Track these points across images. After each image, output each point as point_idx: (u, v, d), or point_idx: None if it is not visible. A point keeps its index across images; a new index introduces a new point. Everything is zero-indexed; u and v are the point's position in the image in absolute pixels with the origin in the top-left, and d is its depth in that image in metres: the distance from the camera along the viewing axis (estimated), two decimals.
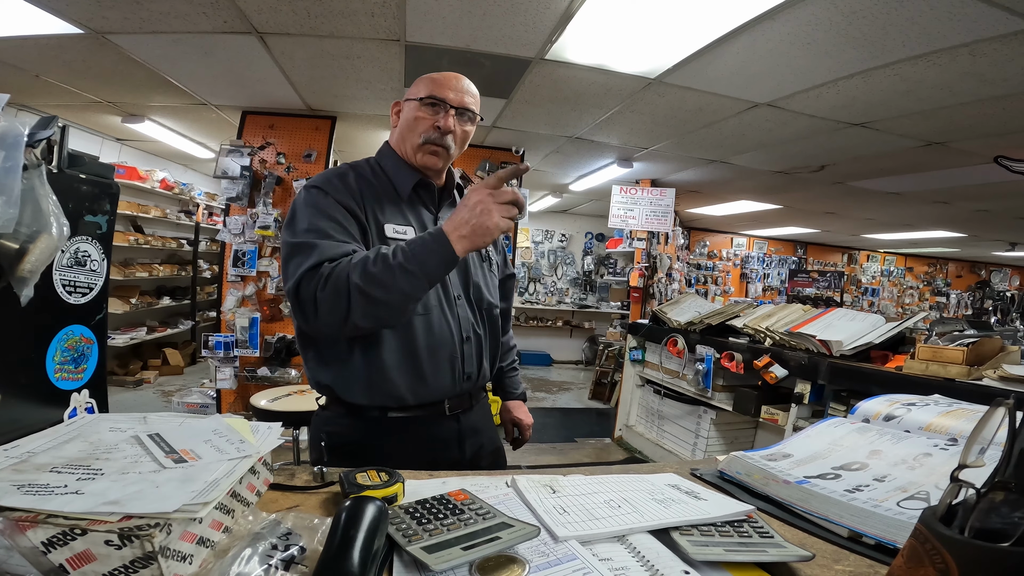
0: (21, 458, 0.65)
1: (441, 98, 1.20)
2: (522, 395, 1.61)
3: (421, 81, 1.24)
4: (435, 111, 1.20)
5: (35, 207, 0.78)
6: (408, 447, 1.14)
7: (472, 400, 1.30)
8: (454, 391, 1.23)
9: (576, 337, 9.11)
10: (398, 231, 1.18)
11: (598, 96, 3.40)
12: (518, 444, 1.59)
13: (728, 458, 0.97)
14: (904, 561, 0.49)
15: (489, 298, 1.34)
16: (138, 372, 5.77)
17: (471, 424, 1.29)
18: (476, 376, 1.28)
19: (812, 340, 2.61)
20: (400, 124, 1.26)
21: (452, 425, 1.25)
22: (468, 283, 1.29)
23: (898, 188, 5.05)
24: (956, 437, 0.84)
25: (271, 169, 4.23)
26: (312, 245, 1.05)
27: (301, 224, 1.10)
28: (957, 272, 11.04)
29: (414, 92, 1.23)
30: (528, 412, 1.60)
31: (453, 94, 1.21)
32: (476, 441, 1.30)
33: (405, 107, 1.26)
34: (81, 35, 2.85)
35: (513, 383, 1.60)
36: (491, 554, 0.60)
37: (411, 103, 1.23)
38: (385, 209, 1.20)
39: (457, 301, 1.24)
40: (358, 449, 1.13)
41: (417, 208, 1.26)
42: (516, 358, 1.65)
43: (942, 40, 2.26)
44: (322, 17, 2.58)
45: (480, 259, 1.35)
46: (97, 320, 0.99)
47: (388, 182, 1.25)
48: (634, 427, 4.27)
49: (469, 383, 1.26)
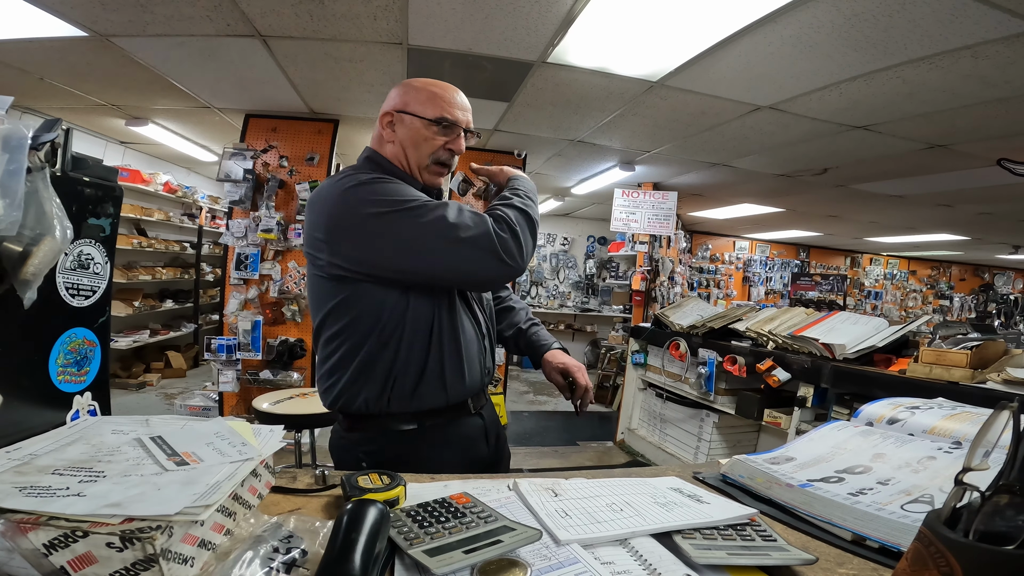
0: (23, 460, 0.65)
1: (454, 121, 1.18)
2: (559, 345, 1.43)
3: (420, 93, 1.19)
4: (447, 132, 1.18)
5: (39, 210, 0.78)
6: (444, 453, 1.14)
7: (485, 395, 1.31)
8: (478, 387, 1.24)
9: (578, 340, 9.10)
10: None
11: (600, 99, 3.40)
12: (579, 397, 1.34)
13: (731, 461, 0.96)
14: (908, 564, 0.48)
15: (487, 295, 1.36)
16: (141, 375, 5.78)
17: (491, 418, 1.30)
18: (493, 369, 1.30)
19: (815, 343, 2.60)
20: (401, 139, 1.20)
21: (478, 422, 1.25)
22: None
23: (901, 191, 5.04)
24: (960, 440, 0.84)
25: (274, 172, 4.24)
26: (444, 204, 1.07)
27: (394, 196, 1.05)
28: (960, 275, 11.01)
29: (417, 108, 1.18)
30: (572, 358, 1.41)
31: (462, 114, 1.20)
32: (495, 433, 1.31)
33: (406, 122, 1.19)
34: (85, 38, 2.86)
35: (541, 336, 1.45)
36: (493, 557, 0.60)
37: (415, 120, 1.17)
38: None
39: (473, 297, 1.26)
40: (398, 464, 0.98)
41: None
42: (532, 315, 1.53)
43: (944, 42, 2.26)
44: (325, 20, 2.59)
45: None
46: (100, 323, 0.99)
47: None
48: (636, 430, 4.26)
49: (488, 377, 1.28)
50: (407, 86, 1.22)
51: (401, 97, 1.21)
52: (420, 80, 1.23)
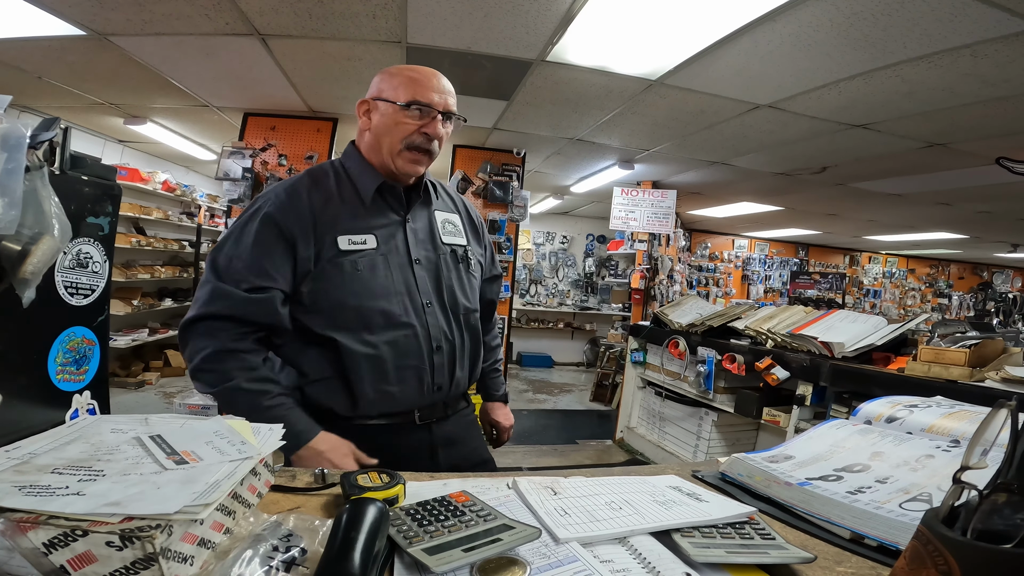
0: (23, 459, 0.65)
1: (427, 103, 1.14)
2: (503, 397, 1.58)
3: (394, 78, 1.17)
4: (420, 116, 1.15)
5: (37, 209, 0.78)
6: (374, 455, 1.11)
7: (447, 410, 1.26)
8: (423, 402, 1.20)
9: (577, 339, 9.11)
10: (354, 241, 1.15)
11: (599, 98, 3.40)
12: (497, 443, 1.57)
13: (729, 460, 0.96)
14: (906, 563, 0.48)
15: (465, 303, 1.28)
16: (140, 373, 5.77)
17: (445, 434, 1.25)
18: (448, 386, 1.23)
19: (814, 342, 2.60)
20: (375, 127, 1.19)
21: (423, 435, 1.21)
22: (440, 287, 1.24)
23: (900, 189, 5.05)
24: (958, 439, 0.84)
25: (273, 171, 4.24)
26: (227, 293, 1.09)
27: (238, 249, 1.12)
28: (959, 273, 11.02)
29: (390, 93, 1.15)
30: (509, 414, 1.57)
31: (438, 96, 1.16)
32: (453, 452, 1.25)
33: (380, 109, 1.17)
34: (83, 37, 2.85)
35: (494, 384, 1.56)
36: (492, 556, 0.60)
37: (388, 105, 1.16)
38: (342, 219, 1.16)
39: (426, 308, 1.20)
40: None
41: (383, 212, 1.22)
42: (499, 358, 1.60)
43: (943, 41, 2.26)
44: (323, 19, 2.59)
45: (455, 260, 1.29)
46: (99, 321, 0.99)
47: (352, 187, 1.21)
48: (635, 429, 4.26)
49: (440, 393, 1.22)
50: (384, 73, 1.20)
51: (378, 84, 1.19)
52: (398, 67, 1.20)
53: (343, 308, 1.14)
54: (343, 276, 1.14)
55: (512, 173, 4.84)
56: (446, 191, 1.41)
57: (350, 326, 1.14)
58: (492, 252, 1.49)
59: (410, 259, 1.21)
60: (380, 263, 1.17)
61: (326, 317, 1.14)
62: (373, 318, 1.15)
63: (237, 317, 1.09)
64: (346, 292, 1.14)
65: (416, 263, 1.22)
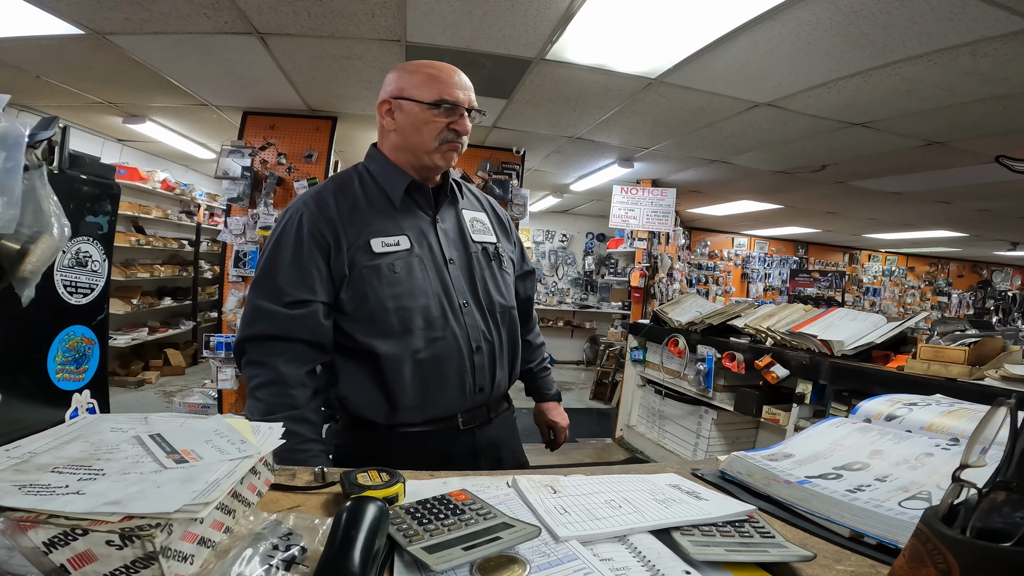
0: (22, 458, 0.65)
1: (455, 102, 1.14)
2: (556, 396, 1.56)
3: (415, 76, 1.15)
4: (448, 114, 1.14)
5: (36, 208, 0.78)
6: (417, 462, 1.09)
7: (490, 413, 1.24)
8: (465, 405, 1.18)
9: (577, 337, 9.11)
10: (387, 243, 1.14)
11: (599, 96, 3.40)
12: (554, 446, 1.56)
13: (729, 458, 0.96)
14: (906, 561, 0.48)
15: (501, 300, 1.26)
16: (139, 372, 5.77)
17: (488, 439, 1.23)
18: (490, 388, 1.22)
19: (813, 340, 2.60)
20: (400, 127, 1.17)
21: (466, 440, 1.20)
22: (475, 287, 1.22)
23: (899, 188, 5.05)
24: (958, 437, 0.84)
25: (272, 170, 4.23)
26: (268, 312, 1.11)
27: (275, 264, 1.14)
28: (959, 272, 11.03)
29: (415, 92, 1.14)
30: (564, 413, 1.55)
31: (463, 94, 1.16)
32: (494, 456, 1.24)
33: (405, 108, 1.15)
34: (82, 36, 2.85)
35: (545, 384, 1.54)
36: (492, 554, 0.60)
37: (414, 105, 1.14)
38: (374, 222, 1.16)
39: (463, 308, 1.19)
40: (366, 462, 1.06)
41: (413, 213, 1.21)
42: (546, 356, 1.58)
43: (943, 40, 2.26)
44: (322, 17, 2.58)
45: (487, 258, 1.27)
46: (98, 320, 0.99)
47: (378, 190, 1.20)
48: (635, 427, 4.26)
49: (483, 395, 1.20)
50: (402, 70, 1.18)
51: (396, 83, 1.17)
52: (414, 63, 1.19)
53: (384, 312, 1.12)
54: (381, 280, 1.13)
55: (512, 171, 4.84)
56: (471, 190, 1.40)
57: (392, 331, 1.13)
58: (522, 248, 1.48)
59: (444, 259, 1.20)
60: (416, 265, 1.16)
61: (367, 323, 1.13)
62: (413, 321, 1.14)
63: (280, 336, 1.10)
64: (385, 296, 1.13)
65: (450, 263, 1.21)
